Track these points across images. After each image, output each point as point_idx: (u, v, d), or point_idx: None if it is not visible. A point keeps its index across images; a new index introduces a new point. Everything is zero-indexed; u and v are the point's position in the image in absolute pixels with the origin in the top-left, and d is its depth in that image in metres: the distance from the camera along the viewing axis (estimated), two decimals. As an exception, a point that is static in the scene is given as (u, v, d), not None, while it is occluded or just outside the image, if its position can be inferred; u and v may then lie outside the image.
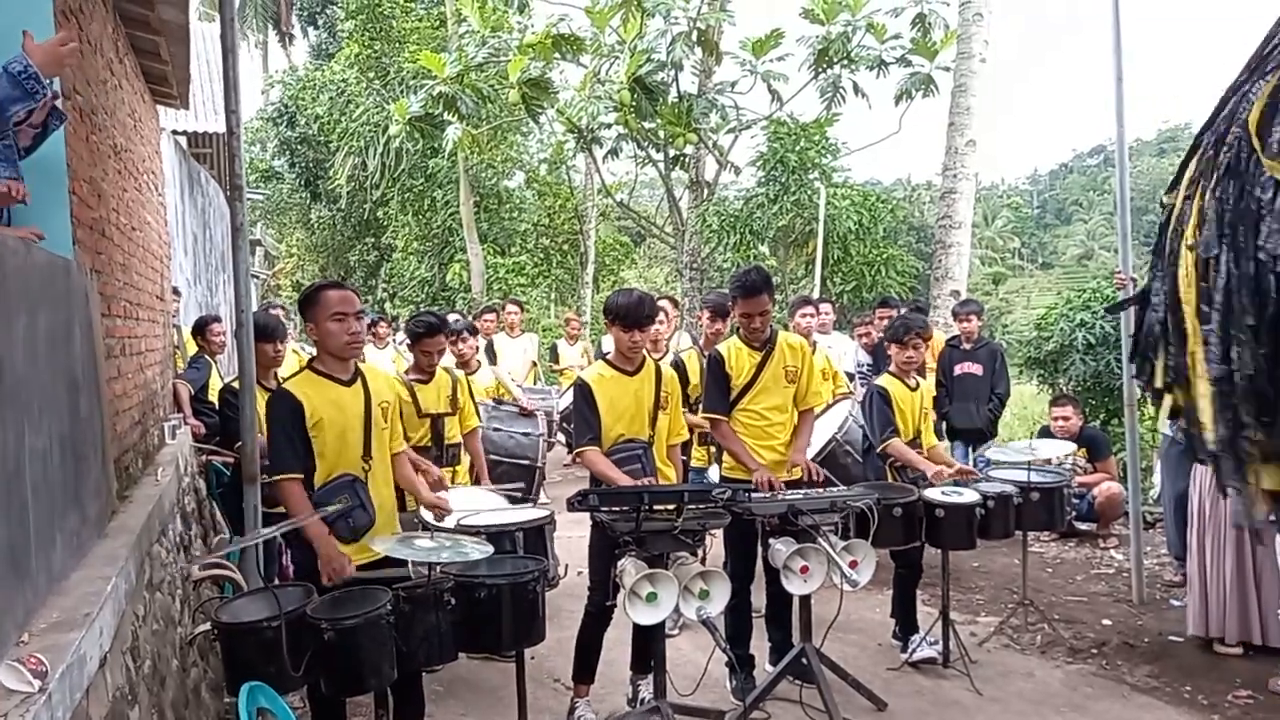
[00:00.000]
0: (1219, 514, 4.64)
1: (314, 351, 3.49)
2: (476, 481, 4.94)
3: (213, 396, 5.86)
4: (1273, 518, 4.28)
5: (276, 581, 4.22)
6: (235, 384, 4.71)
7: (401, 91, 18.35)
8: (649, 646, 3.75)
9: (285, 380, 3.60)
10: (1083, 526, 6.77)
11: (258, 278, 21.80)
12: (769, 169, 13.77)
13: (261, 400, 4.15)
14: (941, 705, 4.12)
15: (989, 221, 52.98)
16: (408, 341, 5.27)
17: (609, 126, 14.81)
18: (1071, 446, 6.23)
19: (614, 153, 15.60)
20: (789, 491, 4.07)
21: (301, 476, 3.23)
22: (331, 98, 22.03)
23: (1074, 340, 8.07)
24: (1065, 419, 6.89)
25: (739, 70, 14.18)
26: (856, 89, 14.07)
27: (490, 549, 3.21)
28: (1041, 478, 4.80)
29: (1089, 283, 9.34)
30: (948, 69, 11.99)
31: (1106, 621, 5.07)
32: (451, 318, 7.59)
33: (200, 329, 6.48)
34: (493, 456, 5.91)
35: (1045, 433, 7.16)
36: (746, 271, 4.39)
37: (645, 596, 3.30)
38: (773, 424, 4.35)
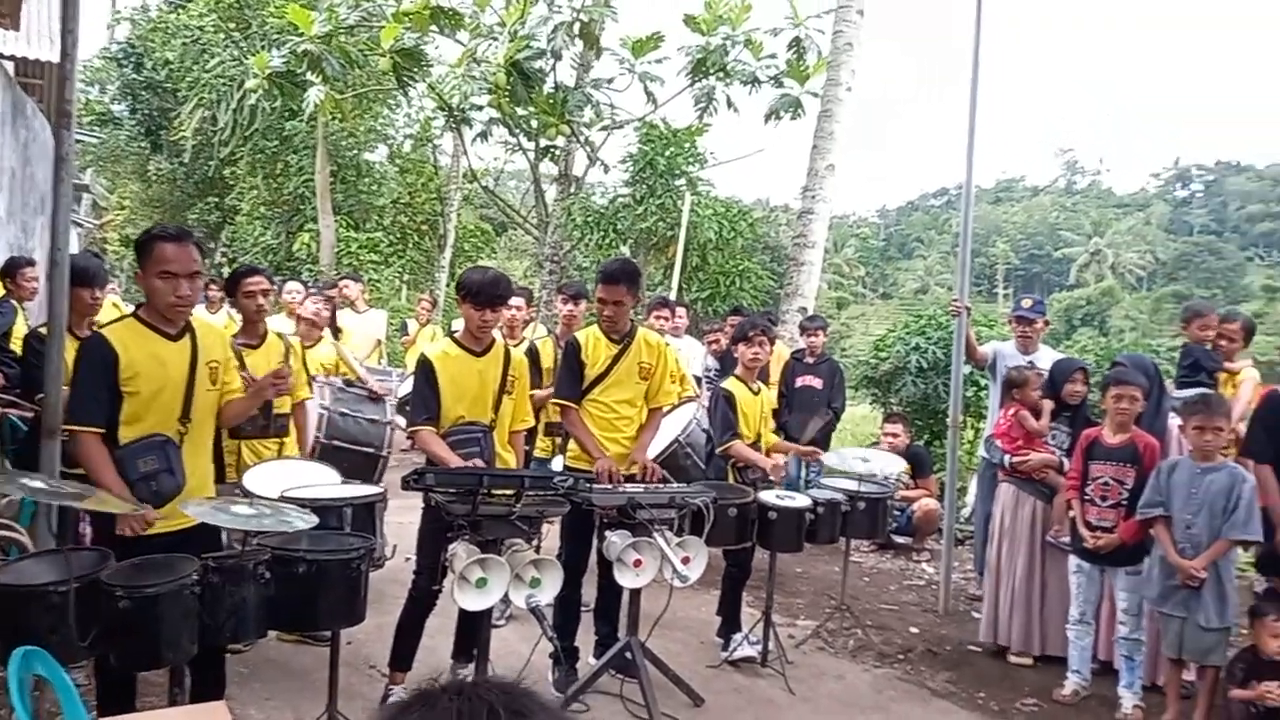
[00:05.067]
0: (1015, 531, 4.99)
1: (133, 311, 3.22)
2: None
3: (16, 345, 5.35)
4: (1065, 539, 4.65)
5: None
6: (43, 330, 4.31)
7: (263, 46, 17.39)
8: (474, 634, 3.68)
9: (102, 326, 3.30)
10: (900, 539, 7.15)
11: (81, 226, 20.12)
12: (638, 170, 13.87)
13: (72, 350, 3.81)
14: (756, 703, 4.23)
15: (838, 248, 55.25)
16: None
17: (481, 108, 14.53)
18: (903, 463, 6.55)
19: (484, 136, 15.32)
20: (629, 485, 4.08)
21: (102, 431, 2.96)
22: (185, 44, 20.58)
23: (908, 363, 8.52)
24: (895, 435, 7.23)
25: (617, 68, 14.25)
26: (729, 102, 14.39)
27: (314, 520, 3.05)
28: (869, 489, 5.02)
29: (926, 310, 9.88)
30: (817, 95, 12.44)
31: (914, 629, 5.36)
32: (291, 285, 7.24)
33: (9, 272, 5.90)
34: (336, 442, 5.64)
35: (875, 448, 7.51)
36: (614, 260, 4.42)
37: (475, 582, 3.24)
38: (621, 417, 4.36)
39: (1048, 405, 5.12)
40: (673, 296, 11.02)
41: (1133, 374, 4.67)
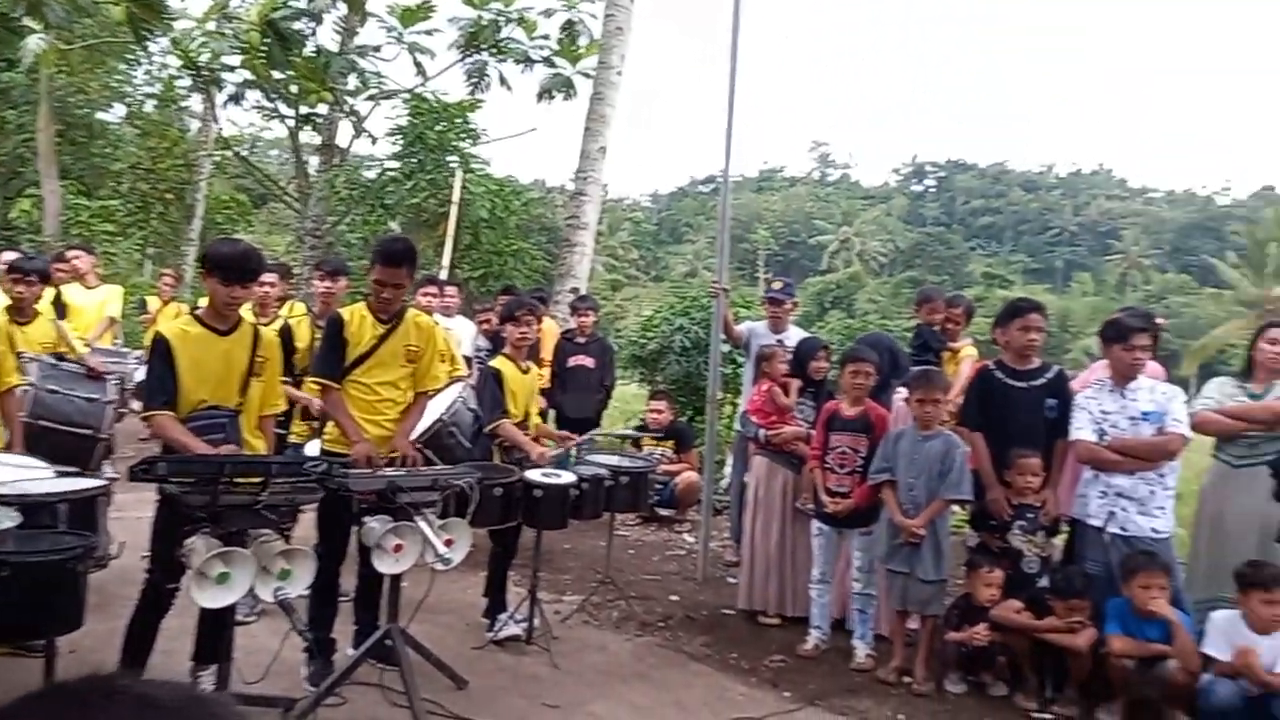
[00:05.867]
0: (768, 501, 5.32)
1: None
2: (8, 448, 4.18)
3: None
4: (810, 505, 5.01)
5: None
6: None
7: (-33, -17, 15.21)
8: (216, 634, 3.44)
9: None
10: (664, 512, 7.43)
11: None
12: (407, 144, 13.42)
13: None
14: (521, 680, 4.26)
15: (613, 231, 56.28)
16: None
17: (233, 69, 13.50)
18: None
19: (236, 99, 14.23)
20: (389, 469, 3.96)
21: None
22: None
23: (672, 343, 8.84)
24: (659, 412, 7.48)
25: (384, 36, 13.70)
26: (503, 79, 14.23)
27: (18, 518, 2.73)
28: (631, 463, 5.16)
29: (690, 292, 10.28)
30: (589, 76, 12.56)
31: (674, 598, 5.60)
32: (8, 256, 6.43)
33: None
34: (44, 422, 5.04)
35: (641, 426, 7.74)
36: (395, 239, 4.25)
37: (215, 577, 3.03)
38: (384, 400, 4.21)
39: (795, 382, 5.49)
40: (444, 275, 10.80)
41: (866, 351, 5.10)
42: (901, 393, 5.09)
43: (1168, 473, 4.43)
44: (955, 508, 4.91)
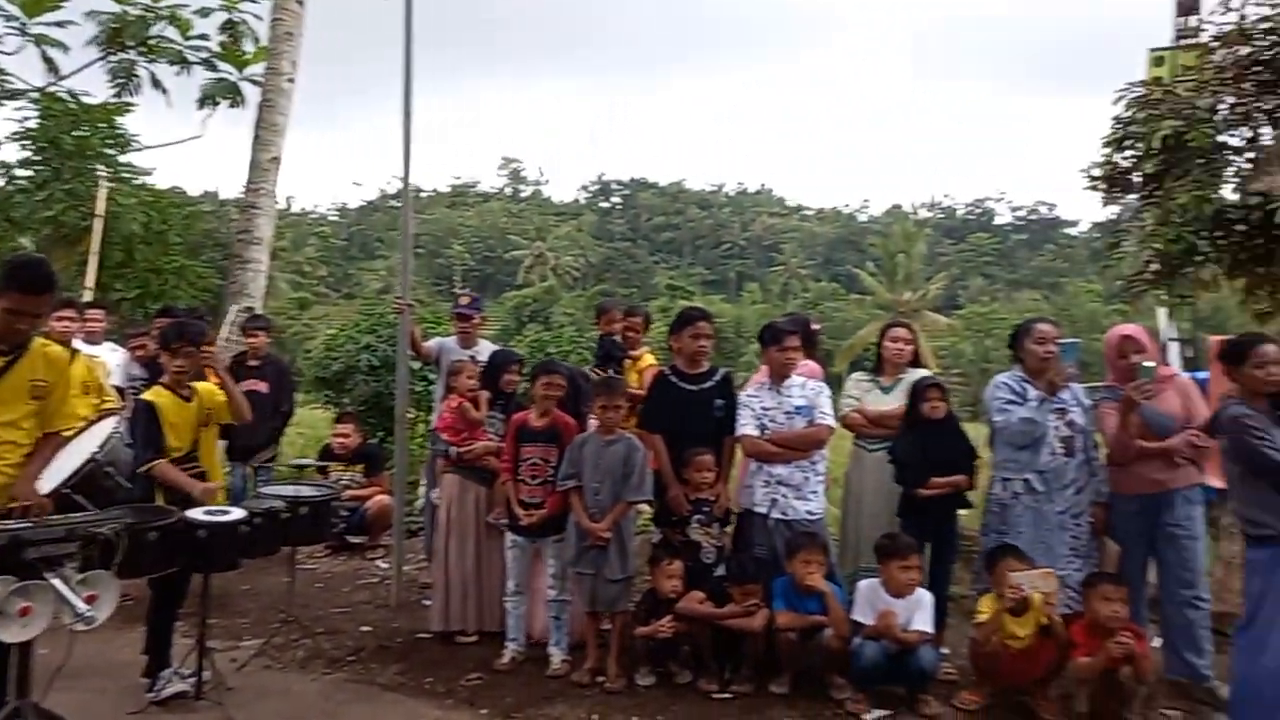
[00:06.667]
0: (462, 518, 5.25)
1: None
2: None
3: None
4: (504, 520, 5.00)
5: None
6: None
7: None
8: None
9: None
10: (355, 539, 7.09)
11: None
12: (38, 149, 11.74)
13: None
14: (191, 740, 3.86)
15: (298, 246, 53.16)
16: None
17: None
18: None
19: None
20: (10, 521, 3.41)
21: None
22: None
23: (359, 362, 8.48)
24: (346, 435, 7.14)
25: (3, 26, 11.93)
26: (156, 81, 12.92)
27: None
28: (311, 492, 4.87)
29: (378, 309, 9.93)
30: (259, 83, 11.75)
31: (366, 628, 5.35)
32: None
33: None
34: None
35: (327, 451, 7.34)
36: (30, 261, 3.64)
37: None
38: (3, 442, 3.62)
39: (484, 394, 5.46)
40: (88, 296, 9.58)
41: (557, 364, 5.22)
42: None
43: (819, 460, 4.93)
44: (637, 508, 5.11)
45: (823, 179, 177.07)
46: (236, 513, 4.27)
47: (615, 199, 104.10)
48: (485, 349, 6.33)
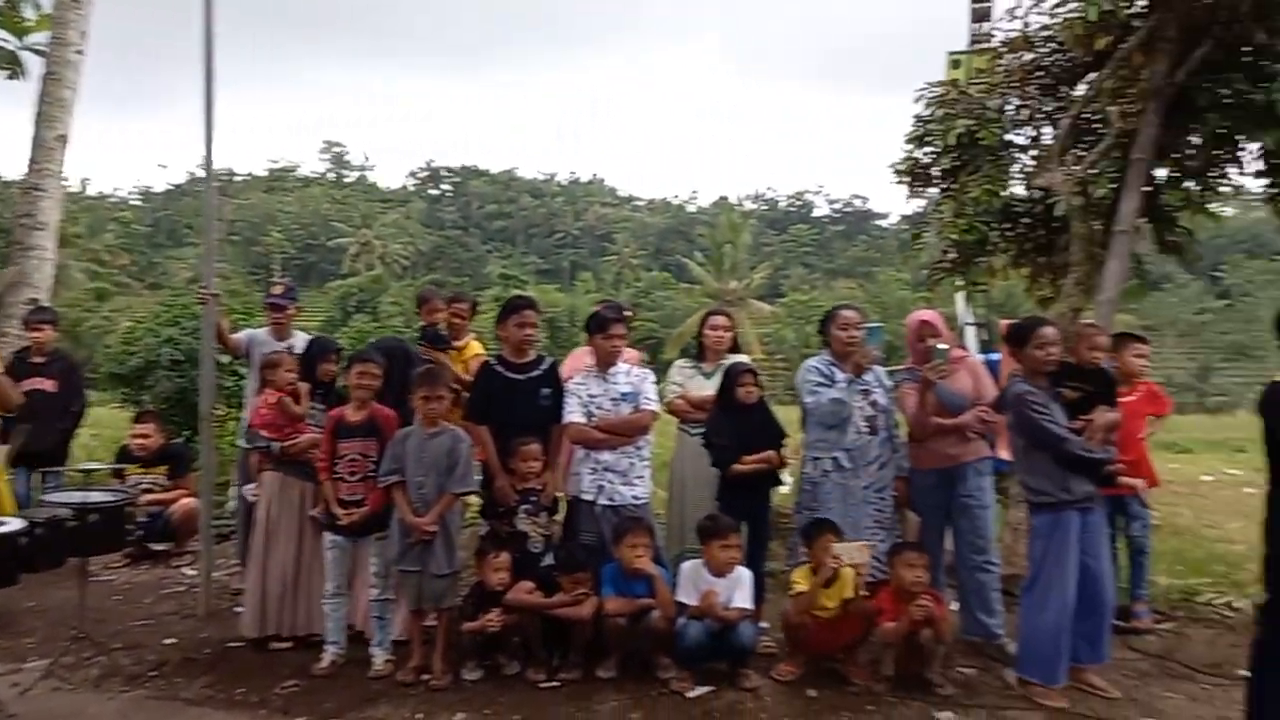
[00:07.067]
0: (282, 517, 5.00)
1: None
2: None
3: None
4: (318, 514, 4.81)
5: None
6: None
7: None
8: None
9: None
10: (158, 546, 6.62)
11: None
12: None
13: None
14: (-39, 777, 3.49)
15: (94, 233, 49.14)
16: None
17: None
18: None
19: None
20: None
21: None
22: None
23: (160, 356, 7.91)
24: (146, 436, 6.65)
25: None
26: (-89, 46, 11.51)
27: None
28: (102, 497, 4.50)
29: (182, 299, 9.29)
30: (42, 53, 10.69)
31: (170, 640, 5.00)
32: None
33: None
34: None
35: (125, 453, 6.82)
36: None
37: None
38: None
39: (304, 388, 5.21)
40: None
41: (371, 353, 5.03)
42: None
43: (644, 445, 5.00)
44: (462, 501, 5.02)
45: (653, 170, 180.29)
46: (14, 523, 3.89)
47: (445, 186, 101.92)
48: (301, 340, 6.04)
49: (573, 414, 4.90)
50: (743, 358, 5.50)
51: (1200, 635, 5.23)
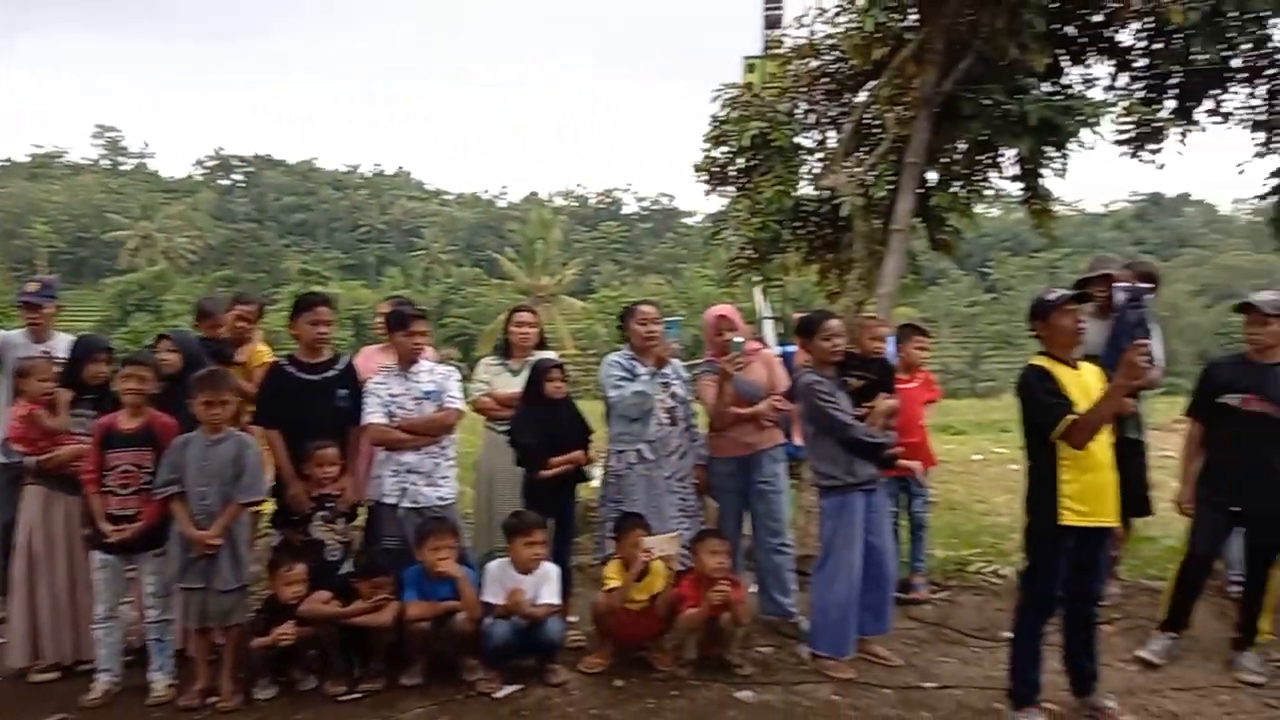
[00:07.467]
0: (50, 536, 4.55)
1: None
2: None
3: None
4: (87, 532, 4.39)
5: None
6: None
7: None
8: None
9: None
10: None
11: None
12: None
13: None
14: None
15: None
16: None
17: None
18: None
19: None
20: None
21: None
22: None
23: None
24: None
25: None
26: None
27: None
28: None
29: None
30: None
31: (-91, 683, 4.43)
32: None
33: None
34: None
35: None
36: None
37: None
38: None
39: (63, 394, 4.73)
40: None
41: (144, 355, 4.66)
42: None
43: (448, 444, 4.90)
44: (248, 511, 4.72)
45: (461, 164, 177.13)
46: None
47: (237, 176, 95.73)
48: (63, 342, 5.48)
49: (373, 414, 4.73)
50: (550, 354, 5.50)
51: (970, 602, 5.70)
